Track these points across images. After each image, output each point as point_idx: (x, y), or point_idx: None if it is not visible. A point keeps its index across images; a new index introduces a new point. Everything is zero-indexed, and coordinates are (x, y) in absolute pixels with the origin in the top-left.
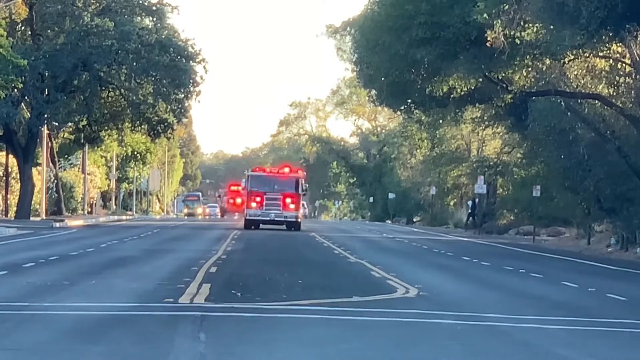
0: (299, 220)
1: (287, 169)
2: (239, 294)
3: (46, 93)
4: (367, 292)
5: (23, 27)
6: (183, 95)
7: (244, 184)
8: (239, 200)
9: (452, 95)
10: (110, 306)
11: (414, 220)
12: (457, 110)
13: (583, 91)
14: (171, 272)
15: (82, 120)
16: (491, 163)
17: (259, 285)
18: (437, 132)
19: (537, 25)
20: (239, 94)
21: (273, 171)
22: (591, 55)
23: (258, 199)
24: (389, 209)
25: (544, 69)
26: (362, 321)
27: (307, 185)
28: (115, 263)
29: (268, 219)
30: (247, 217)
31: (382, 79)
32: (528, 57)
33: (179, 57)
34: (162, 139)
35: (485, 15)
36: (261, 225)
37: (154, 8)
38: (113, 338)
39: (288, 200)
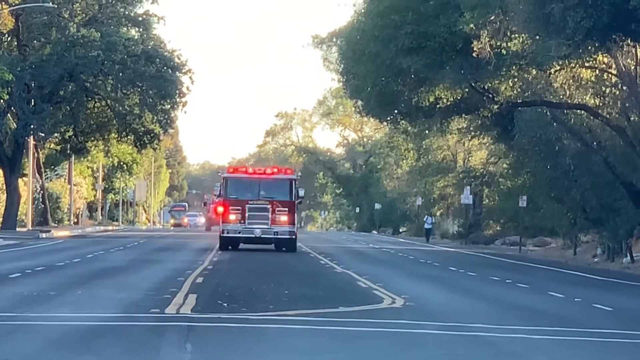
0: (294, 237)
1: (275, 169)
2: (225, 304)
3: (32, 104)
4: (353, 302)
5: (9, 38)
6: (169, 106)
7: (217, 190)
8: (238, 210)
9: (438, 106)
10: (97, 316)
11: (400, 230)
12: (443, 121)
13: (569, 102)
14: (158, 282)
15: (68, 131)
16: (477, 173)
17: (245, 296)
18: (423, 142)
19: (523, 35)
20: (225, 104)
21: (258, 172)
22: (577, 65)
23: (237, 209)
24: (375, 220)
25: (530, 79)
26: (348, 331)
27: (303, 191)
28: (101, 273)
29: (252, 236)
30: (223, 235)
31: (369, 89)
32: (514, 67)
33: (165, 67)
34: (149, 149)
35: (471, 25)
36: (242, 245)
37: (140, 19)
38: (100, 348)
39: (279, 210)
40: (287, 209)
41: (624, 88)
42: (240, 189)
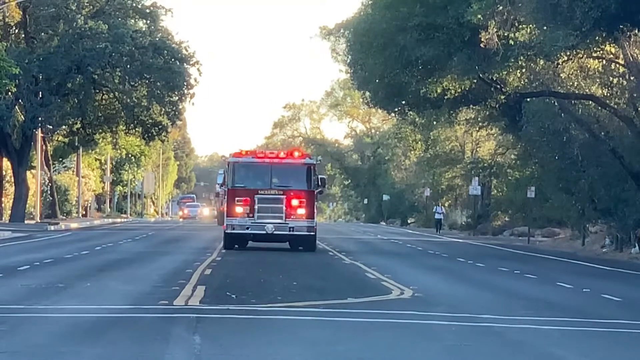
0: (313, 233)
1: (291, 153)
2: (233, 295)
3: (40, 96)
4: (362, 293)
5: (17, 30)
6: (177, 98)
7: (221, 179)
8: (246, 201)
9: (446, 97)
10: (106, 308)
11: (409, 221)
12: (451, 112)
13: (577, 92)
14: (166, 274)
15: (76, 123)
16: (485, 164)
17: (253, 287)
18: (431, 133)
19: (530, 25)
20: (233, 96)
21: (269, 155)
22: (585, 55)
23: (245, 201)
24: (383, 211)
25: (537, 69)
26: (357, 322)
27: (325, 177)
28: (110, 265)
29: (263, 232)
30: (229, 231)
31: (376, 80)
32: (522, 57)
33: (172, 59)
34: (157, 141)
35: (479, 16)
36: (251, 243)
37: (148, 10)
38: (108, 340)
39: (295, 201)
40: (305, 199)
41: (632, 78)
42: (249, 176)
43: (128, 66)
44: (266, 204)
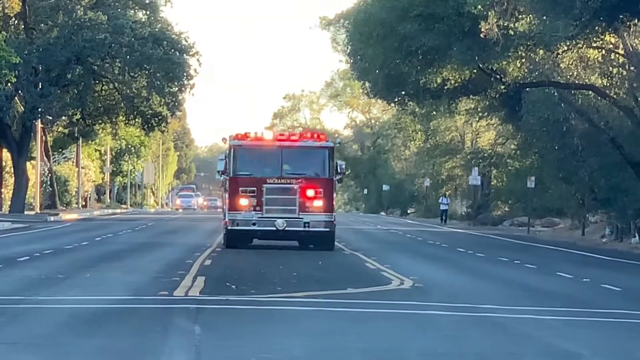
0: (332, 229)
1: (304, 135)
2: (233, 286)
3: (40, 87)
4: (362, 283)
5: (16, 21)
6: (177, 89)
7: (221, 166)
8: (252, 192)
9: (446, 87)
10: (105, 299)
11: (408, 212)
12: (451, 102)
13: (576, 82)
14: (166, 265)
15: (76, 114)
16: (485, 154)
17: (253, 278)
18: (431, 123)
19: (530, 16)
20: (233, 86)
21: (279, 138)
22: (584, 45)
23: (251, 191)
24: (383, 201)
25: (537, 59)
26: (357, 313)
27: (344, 164)
28: (110, 256)
29: (272, 229)
30: (231, 227)
31: (376, 71)
32: (522, 48)
33: (172, 50)
34: (156, 132)
35: (479, 6)
36: (257, 240)
37: (147, 1)
38: (108, 331)
39: (311, 192)
40: (322, 189)
41: (632, 68)
42: (255, 162)
43: (128, 57)
44: (276, 195)
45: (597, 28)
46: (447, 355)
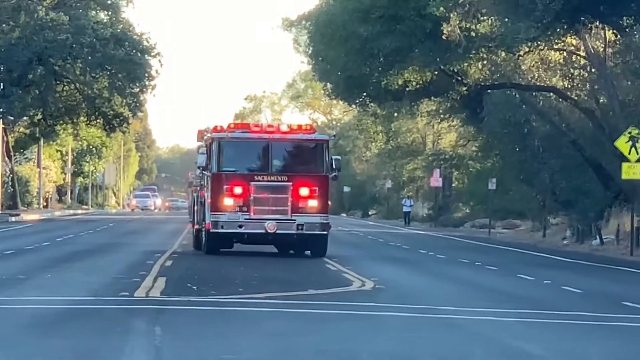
0: (327, 232)
1: (295, 127)
2: (194, 287)
3: (1, 87)
4: (323, 285)
5: None
6: (138, 89)
7: (201, 161)
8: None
9: (407, 89)
10: (67, 300)
11: (370, 213)
12: (413, 104)
13: (538, 84)
14: (127, 265)
15: (37, 115)
16: (447, 156)
17: (214, 279)
18: (392, 125)
19: (492, 17)
20: (194, 87)
21: (267, 130)
22: (546, 47)
23: (237, 190)
24: (345, 202)
25: (499, 61)
26: (318, 314)
27: (339, 159)
28: (71, 257)
29: (261, 232)
30: (214, 230)
31: (338, 72)
32: (483, 49)
33: (134, 51)
34: (118, 133)
35: (441, 8)
36: (242, 244)
37: (109, 2)
38: (69, 332)
39: (305, 190)
40: (317, 187)
41: (593, 70)
42: (241, 157)
43: (89, 57)
44: (265, 193)
45: (558, 30)
46: (400, 356)
